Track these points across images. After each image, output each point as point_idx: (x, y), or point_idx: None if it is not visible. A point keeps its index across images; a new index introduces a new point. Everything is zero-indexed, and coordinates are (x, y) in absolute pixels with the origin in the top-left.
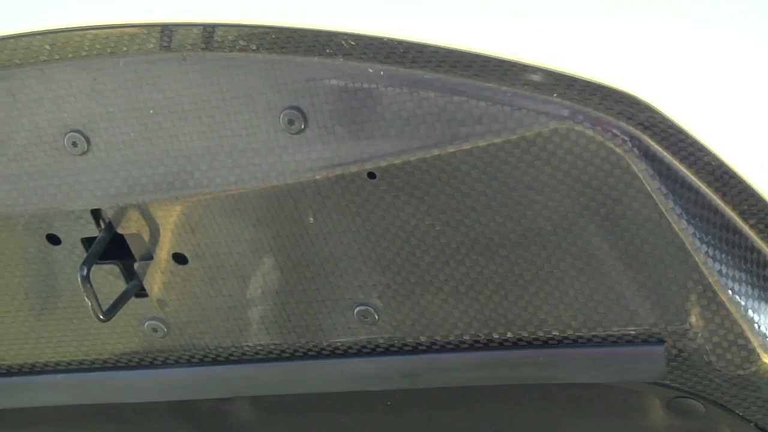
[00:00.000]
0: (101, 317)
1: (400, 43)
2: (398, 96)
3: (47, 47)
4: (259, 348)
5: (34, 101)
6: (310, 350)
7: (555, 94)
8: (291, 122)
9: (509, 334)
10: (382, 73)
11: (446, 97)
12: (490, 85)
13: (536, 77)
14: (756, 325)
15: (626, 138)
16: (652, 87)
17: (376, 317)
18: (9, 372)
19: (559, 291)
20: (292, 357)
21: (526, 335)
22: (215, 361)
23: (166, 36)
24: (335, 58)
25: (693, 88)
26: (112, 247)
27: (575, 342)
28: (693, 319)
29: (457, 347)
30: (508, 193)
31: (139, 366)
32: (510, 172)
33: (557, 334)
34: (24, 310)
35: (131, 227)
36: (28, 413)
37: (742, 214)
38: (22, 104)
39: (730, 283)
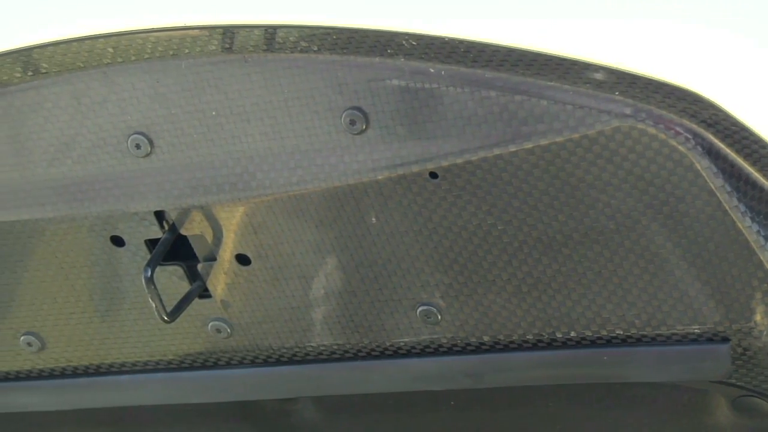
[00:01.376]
0: (165, 318)
1: (461, 42)
2: (460, 95)
3: (110, 50)
4: (323, 348)
5: (98, 104)
6: (373, 350)
7: (617, 93)
8: (353, 123)
9: (572, 334)
10: (443, 72)
11: (508, 97)
12: (552, 83)
13: (598, 75)
14: None
15: (689, 135)
16: (715, 84)
17: (439, 317)
18: (75, 373)
19: (622, 290)
20: (356, 357)
21: (590, 334)
22: (279, 362)
23: (227, 38)
24: (396, 58)
25: (756, 85)
26: (175, 249)
27: (639, 341)
28: (758, 317)
29: (520, 347)
30: (570, 191)
31: (203, 367)
32: (572, 171)
33: (621, 333)
34: (89, 311)
35: (194, 228)
36: (93, 414)
37: None
38: (86, 107)
39: None
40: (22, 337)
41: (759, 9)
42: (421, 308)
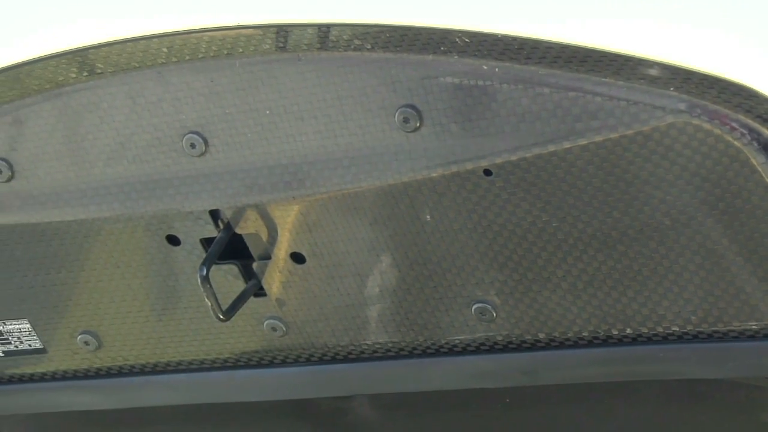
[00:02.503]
0: (221, 317)
1: (515, 39)
2: (513, 92)
3: (165, 50)
4: (378, 346)
5: (153, 104)
6: (428, 348)
7: (672, 88)
8: (406, 120)
9: (628, 330)
10: (497, 69)
11: (562, 93)
12: (606, 80)
13: (652, 71)
14: None
15: (745, 131)
16: None
17: (494, 314)
18: (131, 371)
19: (678, 286)
20: (411, 355)
21: (646, 331)
22: (334, 360)
23: (281, 36)
24: (450, 56)
25: None
26: (230, 247)
27: (695, 337)
28: None
29: (576, 344)
30: (625, 188)
31: (259, 365)
32: (627, 167)
33: (677, 329)
34: (145, 310)
35: (249, 227)
36: (149, 412)
37: None
38: (141, 107)
39: None
40: (79, 336)
41: None
42: (476, 306)
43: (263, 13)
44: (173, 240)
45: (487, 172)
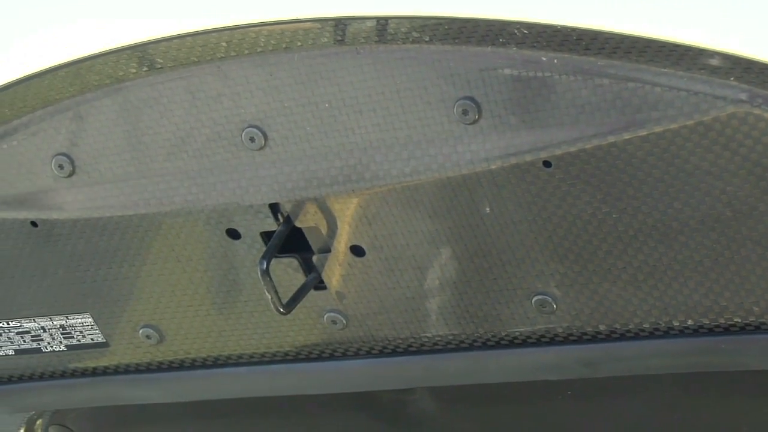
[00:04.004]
0: (281, 310)
1: (573, 30)
2: (572, 83)
3: (224, 44)
4: (438, 338)
5: (212, 98)
6: (488, 340)
7: (732, 78)
8: (465, 112)
9: (690, 322)
10: (555, 60)
11: (621, 84)
12: (666, 70)
13: (713, 61)
14: None
15: None
16: None
17: (554, 306)
18: (193, 365)
19: (740, 277)
20: (471, 347)
21: (707, 322)
22: (394, 352)
23: (339, 30)
24: (508, 47)
25: None
26: (290, 241)
27: (758, 328)
28: None
29: (637, 335)
30: (685, 178)
31: (319, 358)
32: (687, 158)
33: (739, 320)
34: (206, 304)
35: (309, 220)
36: (210, 405)
37: None
38: (201, 101)
39: None
40: (140, 330)
41: None
42: (536, 298)
43: (322, 7)
44: (233, 234)
45: (547, 164)
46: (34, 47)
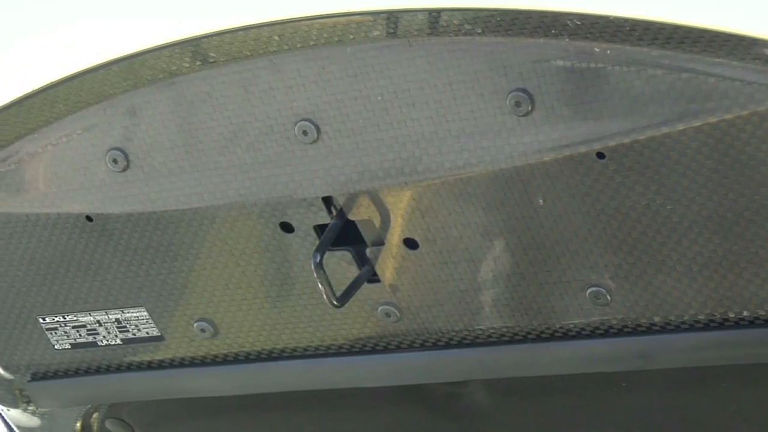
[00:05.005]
0: (335, 303)
1: (626, 20)
2: (626, 74)
3: (276, 38)
4: (492, 331)
5: (265, 92)
6: (542, 332)
7: None
8: (518, 104)
9: (745, 313)
10: (608, 51)
11: (674, 75)
12: (720, 60)
13: (767, 51)
14: None
15: None
16: None
17: (609, 298)
18: (247, 358)
19: None
20: (525, 339)
21: (763, 314)
22: (448, 345)
23: (391, 23)
24: (561, 39)
25: None
26: (344, 234)
27: None
28: None
29: (692, 327)
30: (740, 169)
31: (373, 351)
32: (741, 148)
33: None
34: (260, 297)
35: (362, 213)
36: (264, 399)
37: None
38: (254, 95)
39: None
40: (195, 324)
41: None
42: (590, 290)
43: (374, 0)
44: (287, 227)
45: (600, 155)
46: (88, 43)
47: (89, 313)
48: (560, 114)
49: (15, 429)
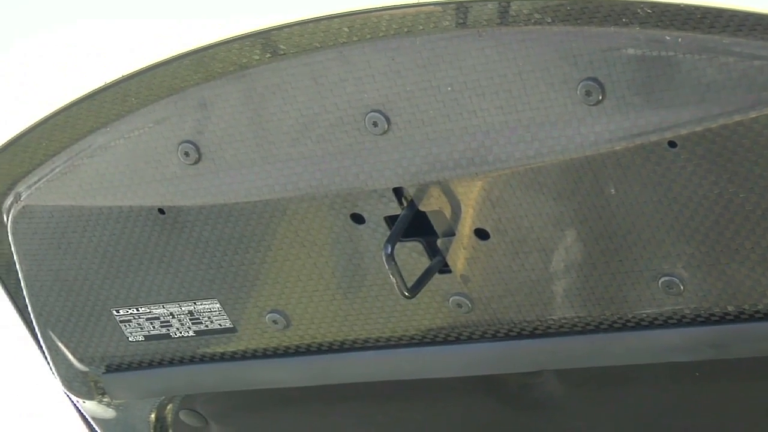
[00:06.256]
0: (406, 294)
1: (697, 8)
2: (697, 62)
3: (345, 29)
4: (564, 321)
5: (335, 83)
6: (614, 322)
7: None
8: (588, 93)
9: None
10: (679, 39)
11: (747, 62)
12: None
13: None
14: None
15: None
16: None
17: (682, 288)
18: (319, 349)
19: None
20: (597, 329)
21: None
22: (520, 335)
23: (461, 13)
24: (631, 27)
25: None
26: (414, 225)
27: None
28: None
29: (766, 316)
30: None
31: (445, 341)
32: None
33: None
34: (332, 288)
35: (433, 204)
36: (335, 389)
37: None
38: (324, 87)
39: None
40: (267, 315)
41: None
42: (663, 279)
43: None
44: (358, 218)
45: (672, 144)
46: (159, 37)
47: (162, 305)
48: (631, 103)
49: (90, 421)
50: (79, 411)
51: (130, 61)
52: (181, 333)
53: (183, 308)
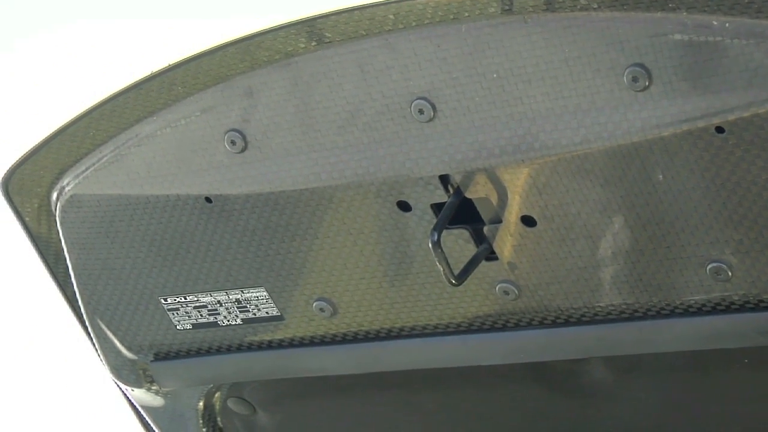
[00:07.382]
0: (453, 281)
1: None
2: (745, 47)
3: (391, 17)
4: (611, 308)
5: (381, 71)
6: (662, 309)
7: None
8: (635, 79)
9: None
10: (727, 25)
11: None
12: None
13: None
14: None
15: None
16: None
17: (730, 274)
18: (366, 337)
19: None
20: (645, 316)
21: None
22: (567, 322)
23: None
24: (679, 12)
25: None
26: (461, 212)
27: None
28: None
29: None
30: None
31: (492, 329)
32: None
33: None
34: (378, 276)
35: (479, 191)
36: (383, 377)
37: None
38: (370, 75)
39: None
40: (314, 303)
41: None
42: (711, 265)
43: None
44: (404, 206)
45: (720, 130)
46: (205, 25)
47: (210, 294)
48: (678, 88)
49: (140, 409)
50: (127, 399)
51: (178, 49)
52: (228, 321)
53: (230, 296)
